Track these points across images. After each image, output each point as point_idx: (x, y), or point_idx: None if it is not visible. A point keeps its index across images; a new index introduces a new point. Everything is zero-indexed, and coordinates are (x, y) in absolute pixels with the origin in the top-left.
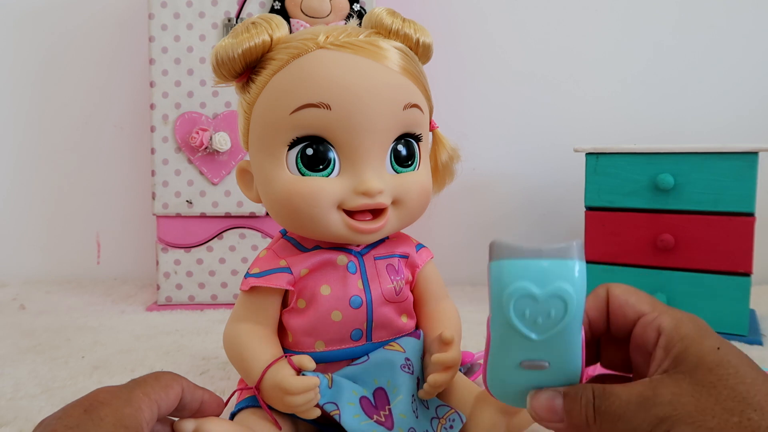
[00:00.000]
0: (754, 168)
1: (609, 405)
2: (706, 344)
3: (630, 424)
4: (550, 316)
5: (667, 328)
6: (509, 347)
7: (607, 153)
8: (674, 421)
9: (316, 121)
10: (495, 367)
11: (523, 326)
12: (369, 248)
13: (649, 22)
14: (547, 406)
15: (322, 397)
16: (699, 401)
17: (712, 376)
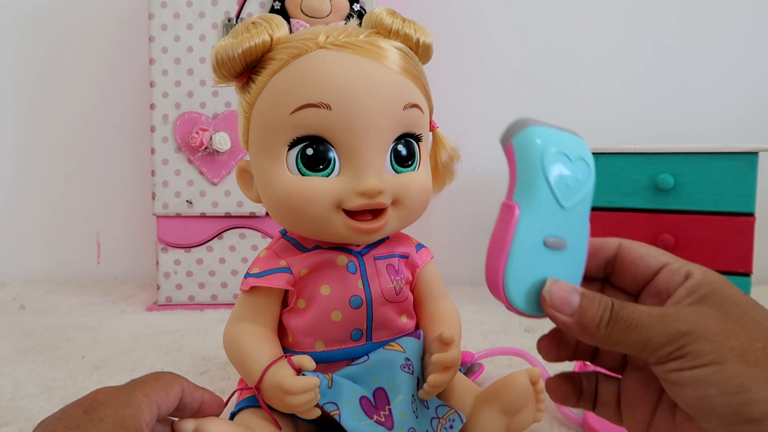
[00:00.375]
0: (754, 168)
1: (628, 313)
2: (733, 289)
3: (646, 334)
4: (578, 179)
5: (696, 273)
6: (537, 221)
7: (607, 153)
8: (695, 337)
9: (316, 121)
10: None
11: (558, 189)
12: (369, 248)
13: (649, 22)
14: (563, 296)
15: (322, 397)
16: (724, 324)
17: (739, 310)
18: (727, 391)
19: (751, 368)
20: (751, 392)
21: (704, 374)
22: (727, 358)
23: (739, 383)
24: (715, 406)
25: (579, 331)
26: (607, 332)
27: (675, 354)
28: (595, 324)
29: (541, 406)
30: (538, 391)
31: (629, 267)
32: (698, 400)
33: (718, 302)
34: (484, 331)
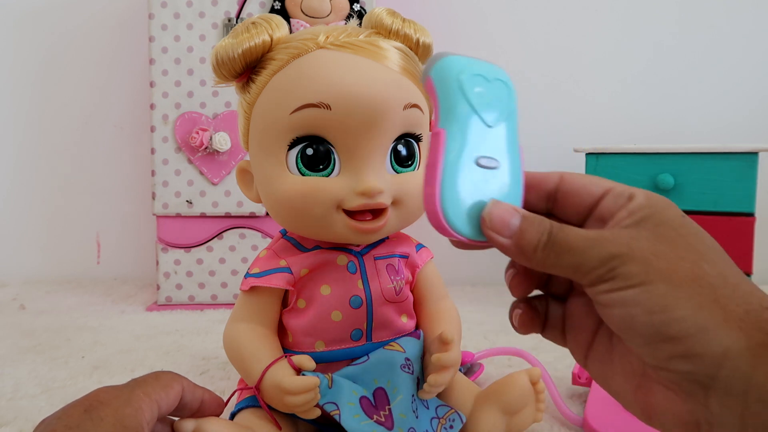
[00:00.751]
0: (754, 168)
1: (564, 236)
2: (673, 212)
3: (579, 257)
4: (499, 98)
5: (639, 196)
6: (465, 141)
7: (607, 153)
8: (624, 258)
9: (316, 121)
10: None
11: (480, 108)
12: (369, 248)
13: (649, 23)
14: (503, 217)
15: (322, 397)
16: (655, 247)
17: (673, 233)
18: (650, 310)
19: (675, 288)
20: (672, 311)
21: (630, 295)
22: (653, 279)
23: (661, 303)
24: (638, 325)
25: (516, 254)
26: (543, 255)
27: (605, 276)
28: (532, 247)
29: (541, 406)
30: (538, 391)
31: (572, 197)
32: (623, 320)
33: (655, 224)
34: (484, 331)
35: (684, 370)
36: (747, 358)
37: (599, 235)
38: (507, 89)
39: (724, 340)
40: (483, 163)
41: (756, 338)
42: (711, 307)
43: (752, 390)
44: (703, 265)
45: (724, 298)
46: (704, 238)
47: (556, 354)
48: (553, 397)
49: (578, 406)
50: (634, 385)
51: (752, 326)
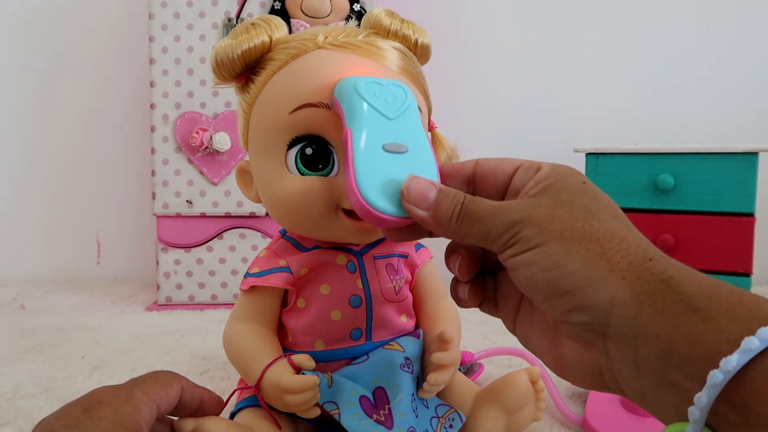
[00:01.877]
0: (754, 168)
1: (475, 206)
2: (574, 179)
3: (487, 225)
4: (395, 97)
5: (545, 167)
6: (370, 133)
7: (607, 153)
8: (525, 223)
9: (315, 120)
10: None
11: (377, 105)
12: (368, 248)
13: (650, 23)
14: (420, 192)
15: (322, 397)
16: (552, 211)
17: (572, 197)
18: (545, 268)
19: (566, 245)
20: (565, 266)
21: (529, 256)
22: (548, 239)
23: (555, 260)
24: (538, 282)
25: (434, 225)
26: (457, 225)
27: (510, 241)
28: (447, 218)
29: (541, 405)
30: (538, 391)
31: (488, 178)
32: (526, 279)
33: (556, 191)
34: (484, 331)
35: (580, 321)
36: (632, 306)
37: (505, 204)
38: (402, 90)
39: (609, 290)
40: (390, 149)
41: (638, 286)
42: (597, 260)
43: (639, 335)
44: (593, 223)
45: (610, 252)
46: (600, 199)
47: None
48: (553, 396)
49: (578, 406)
50: (548, 341)
51: (635, 276)
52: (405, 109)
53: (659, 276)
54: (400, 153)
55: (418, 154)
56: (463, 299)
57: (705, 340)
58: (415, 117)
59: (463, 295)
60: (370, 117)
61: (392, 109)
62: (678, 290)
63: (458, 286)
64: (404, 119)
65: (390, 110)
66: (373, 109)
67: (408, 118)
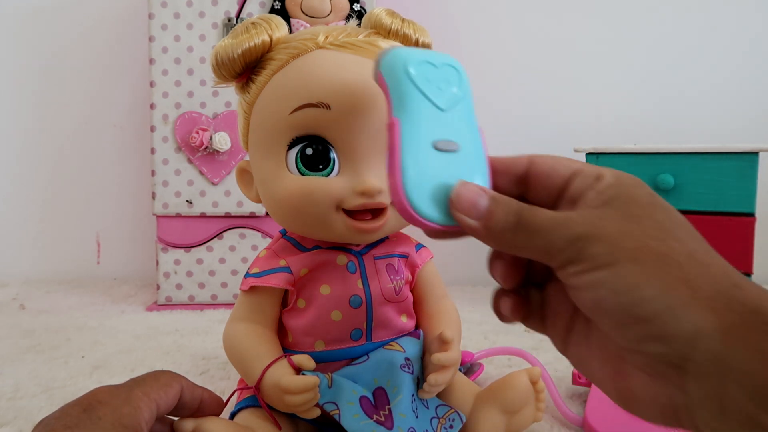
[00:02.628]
0: (754, 168)
1: (533, 217)
2: (641, 190)
3: (546, 238)
4: (449, 82)
5: (607, 175)
6: (420, 127)
7: (607, 153)
8: (591, 239)
9: (315, 120)
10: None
11: (430, 93)
12: (368, 248)
13: (650, 23)
14: (471, 199)
15: (322, 397)
16: (622, 226)
17: (641, 211)
18: (617, 290)
19: (643, 267)
20: (641, 290)
21: (597, 276)
22: (620, 258)
23: (629, 283)
24: (607, 306)
25: (485, 236)
26: (512, 237)
27: (573, 258)
28: (500, 229)
29: (541, 406)
30: (538, 391)
31: (542, 179)
32: (593, 302)
33: (623, 203)
34: (484, 331)
35: (656, 352)
36: (720, 340)
37: (567, 216)
38: (457, 73)
39: (694, 320)
40: (441, 147)
41: (728, 318)
42: (678, 286)
43: (729, 372)
44: (671, 243)
45: (692, 277)
46: (672, 215)
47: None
48: (553, 396)
49: (578, 406)
50: (611, 370)
51: (723, 306)
52: (460, 97)
53: (750, 306)
54: (451, 151)
55: (470, 152)
56: (504, 314)
57: None
58: (469, 108)
59: (506, 309)
60: (422, 108)
61: (445, 97)
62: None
63: (500, 299)
64: (458, 110)
65: (443, 99)
66: (425, 98)
67: (462, 110)
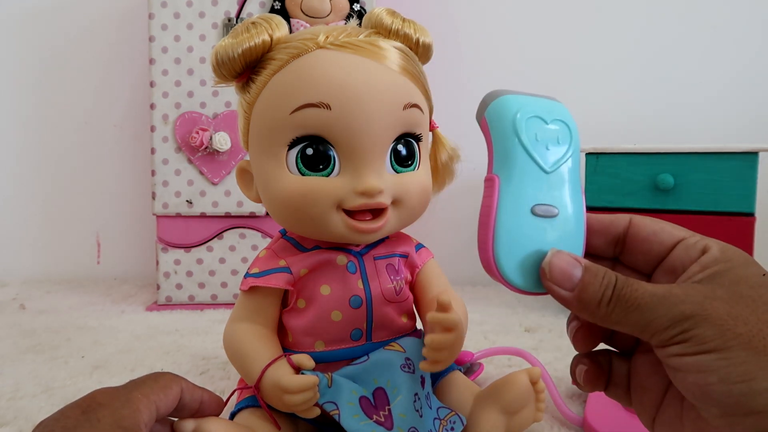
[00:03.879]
0: (754, 168)
1: (632, 292)
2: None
3: (648, 315)
4: (558, 142)
5: (714, 248)
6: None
7: (607, 153)
8: (699, 320)
9: (315, 120)
10: (505, 223)
11: (536, 152)
12: (369, 248)
13: (650, 22)
14: (564, 269)
15: (322, 397)
16: (733, 308)
17: (752, 292)
18: (729, 379)
19: (758, 356)
20: (755, 381)
21: (706, 361)
22: (732, 344)
23: (742, 371)
24: (716, 394)
25: (579, 308)
26: (608, 311)
27: (677, 338)
28: (596, 301)
29: (541, 406)
30: (538, 391)
31: (641, 244)
32: (699, 387)
33: (732, 282)
34: (484, 331)
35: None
36: None
37: (669, 291)
38: (567, 130)
39: None
40: (540, 212)
41: None
42: None
43: None
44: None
45: None
46: None
47: (556, 354)
48: (553, 396)
49: (578, 406)
50: None
51: None
52: (567, 159)
53: None
54: (549, 217)
55: (568, 217)
56: (579, 383)
57: None
58: (574, 170)
59: (580, 377)
60: (526, 169)
61: (552, 158)
62: None
63: (577, 366)
64: (563, 173)
65: (549, 160)
66: (530, 158)
67: (567, 172)
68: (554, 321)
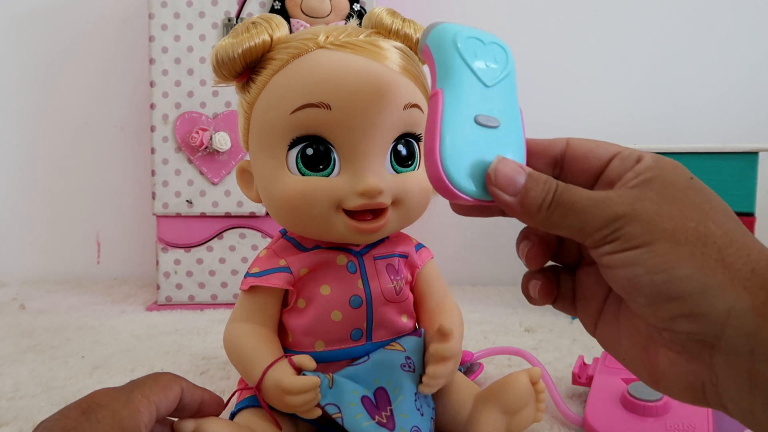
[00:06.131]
0: (754, 168)
1: (570, 196)
2: (681, 174)
3: (583, 217)
4: (496, 60)
5: (647, 158)
6: (463, 99)
7: None
8: (629, 218)
9: (316, 121)
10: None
11: (477, 68)
12: (369, 248)
13: (649, 22)
14: (509, 175)
15: (323, 398)
16: (661, 207)
17: (680, 193)
18: (653, 270)
19: (680, 247)
20: (676, 269)
21: (634, 255)
22: (657, 238)
23: (665, 261)
24: (642, 285)
25: (520, 212)
26: (548, 215)
27: (610, 237)
28: (536, 205)
29: (541, 406)
30: (538, 391)
31: (580, 162)
32: (628, 280)
33: (662, 185)
34: (484, 331)
35: (688, 330)
36: (752, 317)
37: (604, 195)
38: (504, 52)
39: (728, 299)
40: (482, 122)
41: (761, 297)
42: (715, 266)
43: (758, 349)
44: (708, 224)
45: (729, 258)
46: (711, 198)
47: (556, 354)
48: (553, 397)
49: (578, 406)
50: (641, 349)
51: (757, 285)
52: (504, 75)
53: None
54: (491, 127)
55: (509, 129)
56: (533, 296)
57: None
58: (512, 86)
59: (534, 292)
60: (467, 81)
61: (491, 74)
62: None
63: (529, 282)
64: (501, 87)
65: (488, 75)
66: (471, 72)
67: (505, 87)
68: (554, 321)
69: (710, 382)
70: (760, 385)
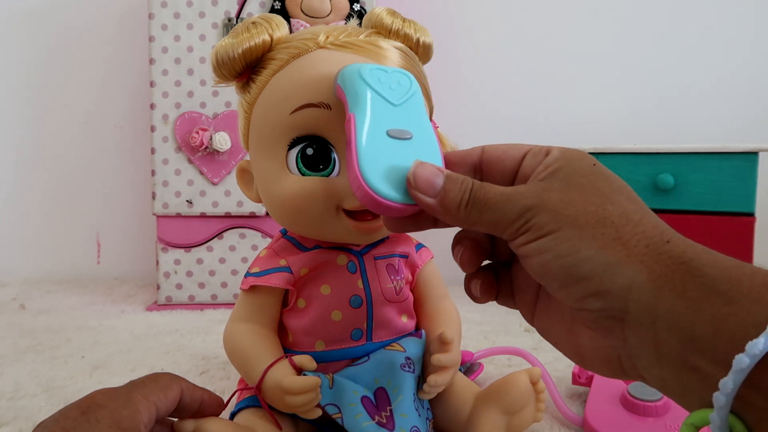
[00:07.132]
0: (754, 168)
1: (485, 193)
2: (584, 162)
3: (497, 213)
4: (400, 84)
5: (554, 151)
6: (375, 118)
7: (607, 153)
8: (538, 210)
9: (316, 120)
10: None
11: (382, 91)
12: (369, 248)
13: (650, 22)
14: (428, 178)
15: (323, 398)
16: (565, 195)
17: (583, 180)
18: (560, 254)
19: (582, 231)
20: (580, 252)
21: (543, 243)
22: (562, 225)
23: (570, 246)
24: (552, 269)
25: (441, 213)
26: (466, 213)
27: (522, 229)
28: (455, 205)
29: (541, 406)
30: (538, 391)
31: (496, 164)
32: (540, 266)
33: (567, 174)
34: (484, 331)
35: (598, 308)
36: (650, 290)
37: (515, 190)
38: (407, 77)
39: (627, 275)
40: (395, 134)
41: (657, 270)
42: (613, 245)
43: (659, 320)
44: (607, 206)
45: (626, 235)
46: (612, 181)
47: (556, 354)
48: (553, 397)
49: (578, 406)
50: (566, 332)
51: (653, 259)
52: (410, 95)
53: (678, 258)
54: (405, 139)
55: (423, 140)
56: (476, 295)
57: (729, 324)
58: (419, 104)
59: (476, 290)
60: (375, 102)
61: (397, 95)
62: (698, 273)
63: (471, 281)
64: (409, 106)
65: (394, 96)
66: (377, 94)
67: (412, 105)
68: None
69: (626, 355)
70: (666, 354)
